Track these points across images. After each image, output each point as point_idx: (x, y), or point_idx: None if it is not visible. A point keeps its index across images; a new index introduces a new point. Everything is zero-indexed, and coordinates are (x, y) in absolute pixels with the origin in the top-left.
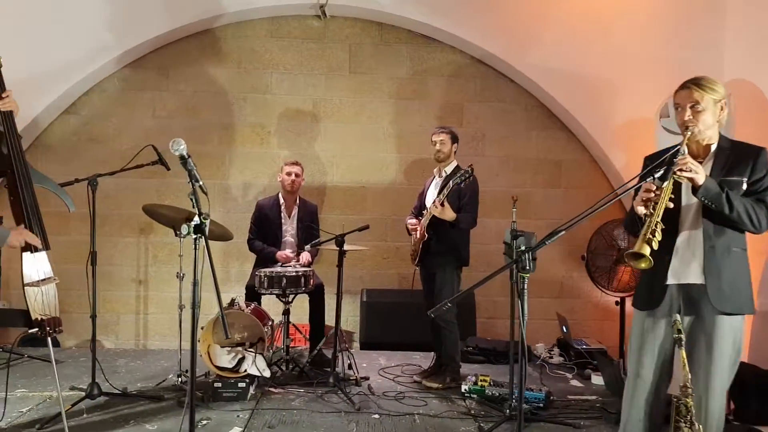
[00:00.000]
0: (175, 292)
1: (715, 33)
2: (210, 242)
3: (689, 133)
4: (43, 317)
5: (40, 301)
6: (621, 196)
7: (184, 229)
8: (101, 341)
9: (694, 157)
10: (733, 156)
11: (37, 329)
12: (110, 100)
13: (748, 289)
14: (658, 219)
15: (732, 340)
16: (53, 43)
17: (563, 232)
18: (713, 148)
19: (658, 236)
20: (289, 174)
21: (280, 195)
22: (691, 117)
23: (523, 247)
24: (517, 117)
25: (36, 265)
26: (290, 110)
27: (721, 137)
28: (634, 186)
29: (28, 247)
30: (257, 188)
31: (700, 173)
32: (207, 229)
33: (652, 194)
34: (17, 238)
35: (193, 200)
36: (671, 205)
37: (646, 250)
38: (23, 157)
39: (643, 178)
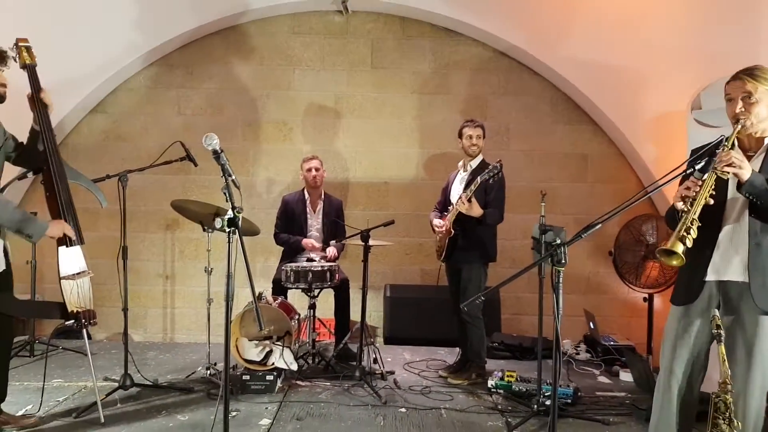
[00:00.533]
0: (201, 286)
1: (750, 22)
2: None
3: (739, 126)
4: (79, 309)
5: (76, 294)
6: (656, 191)
7: (218, 222)
8: (130, 335)
9: (745, 150)
10: None
11: (73, 321)
12: (137, 99)
13: None
14: (695, 216)
15: None
16: (80, 44)
17: (599, 226)
18: (766, 141)
19: (693, 234)
20: (309, 170)
21: (305, 190)
22: (743, 109)
23: (556, 241)
24: (542, 110)
25: (71, 259)
26: (313, 106)
27: None
28: (672, 179)
29: (64, 241)
30: (281, 184)
31: (746, 168)
32: (240, 223)
33: (692, 190)
34: (56, 229)
35: (227, 194)
36: (711, 202)
37: (679, 248)
38: (58, 154)
39: (684, 171)
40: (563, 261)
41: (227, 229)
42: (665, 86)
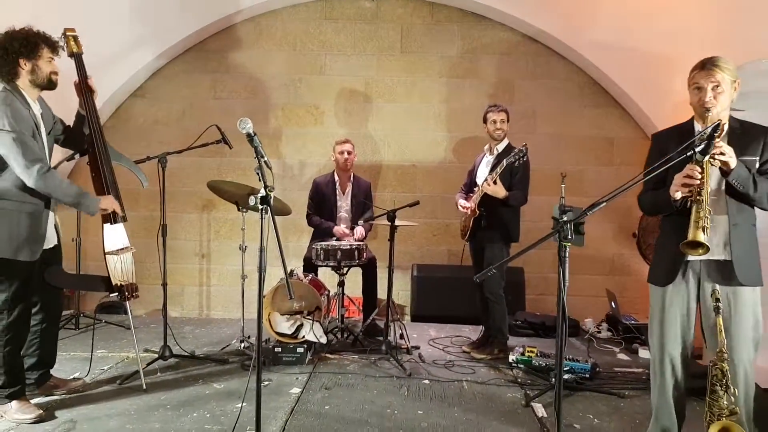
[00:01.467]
0: (235, 265)
1: None
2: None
3: (709, 114)
4: (123, 283)
5: (120, 269)
6: (659, 171)
7: (251, 200)
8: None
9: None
10: (744, 136)
11: (117, 294)
12: (174, 83)
13: (758, 262)
14: (707, 204)
15: (752, 309)
16: (119, 31)
17: (604, 204)
18: (725, 128)
19: (710, 221)
20: (341, 153)
21: (335, 173)
22: (712, 98)
23: (563, 218)
24: (569, 94)
25: (115, 236)
26: (344, 90)
27: (731, 117)
28: (675, 162)
29: (109, 219)
30: (313, 167)
31: (733, 157)
32: (272, 201)
33: (696, 180)
34: (108, 203)
35: (259, 174)
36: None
37: (702, 237)
38: (103, 137)
39: (676, 157)
40: (569, 237)
41: (260, 207)
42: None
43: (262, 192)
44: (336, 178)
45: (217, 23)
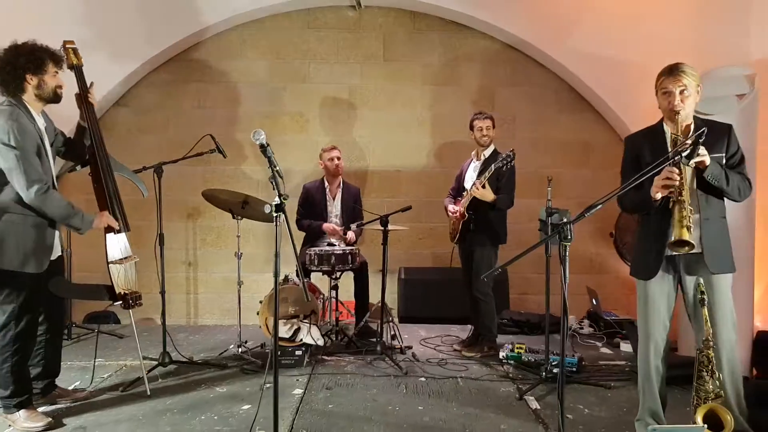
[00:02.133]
0: (222, 272)
1: (741, 16)
2: (258, 224)
3: (678, 117)
4: (126, 291)
5: (123, 277)
6: (647, 175)
7: (266, 208)
8: (154, 319)
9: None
10: (709, 135)
11: (120, 302)
12: (158, 93)
13: (730, 251)
14: (688, 202)
15: (727, 295)
16: (102, 40)
17: (600, 206)
18: (692, 128)
19: (692, 220)
20: (331, 159)
21: (324, 179)
22: (680, 101)
23: (563, 220)
24: (547, 100)
25: (118, 245)
26: (328, 98)
27: (696, 118)
28: (663, 165)
29: (111, 229)
30: (298, 174)
31: (707, 156)
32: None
33: (676, 181)
34: (101, 222)
35: (274, 183)
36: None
37: (687, 236)
38: (104, 148)
39: (662, 161)
40: (569, 237)
41: (275, 215)
42: None
43: (277, 200)
44: (326, 184)
45: (200, 33)
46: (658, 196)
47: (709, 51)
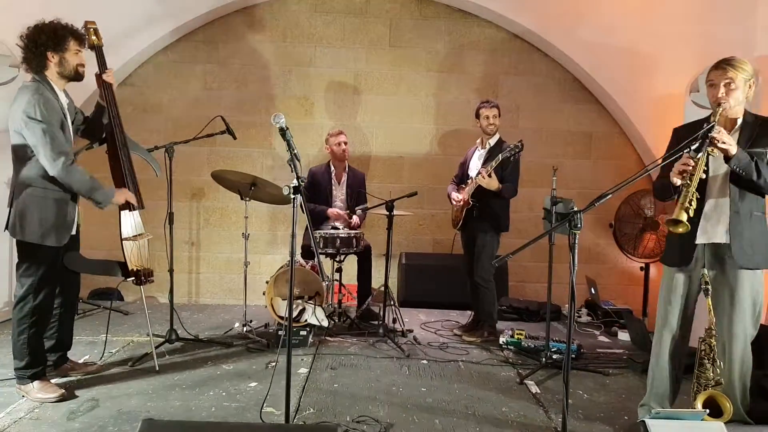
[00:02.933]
0: (225, 252)
1: (747, 11)
2: (261, 205)
3: (721, 108)
4: (138, 268)
5: (136, 254)
6: (655, 168)
7: (285, 190)
8: (156, 297)
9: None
10: (758, 129)
11: (133, 278)
12: (164, 73)
13: (764, 248)
14: (694, 189)
15: (750, 291)
16: (110, 17)
17: (610, 195)
18: (739, 122)
19: (694, 204)
20: (338, 144)
21: (330, 163)
22: (724, 94)
23: (574, 208)
24: (550, 90)
25: (132, 222)
26: (333, 83)
27: (747, 112)
28: (671, 158)
29: (126, 206)
30: (304, 157)
31: (734, 144)
32: (303, 191)
33: (689, 167)
34: (120, 197)
35: (292, 165)
36: (704, 176)
37: (684, 217)
38: (122, 127)
39: (680, 150)
40: (579, 225)
41: (292, 196)
42: (666, 69)
43: (294, 182)
44: (332, 168)
45: (208, 14)
46: (676, 181)
47: (713, 45)
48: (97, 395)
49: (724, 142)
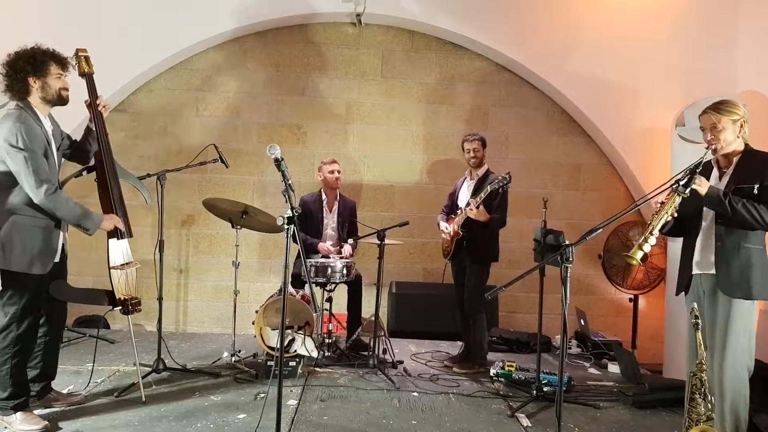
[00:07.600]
0: (213, 280)
1: (728, 47)
2: (251, 233)
3: (710, 152)
4: (126, 297)
5: (124, 283)
6: (642, 202)
7: (279, 220)
8: (143, 325)
9: (721, 168)
10: (750, 164)
11: (120, 307)
12: (157, 100)
13: (750, 279)
14: (654, 229)
15: (741, 321)
16: (105, 47)
17: (600, 230)
18: (735, 159)
19: (653, 242)
20: (332, 172)
21: (322, 191)
22: (712, 137)
23: (563, 242)
24: (539, 122)
25: (120, 251)
26: (325, 112)
27: (747, 149)
28: (659, 192)
29: (114, 234)
30: (294, 186)
31: (704, 185)
32: (296, 221)
33: (658, 206)
34: (109, 223)
35: (286, 196)
36: (670, 219)
37: (639, 255)
38: (111, 155)
39: (670, 184)
40: (570, 259)
41: (286, 227)
42: (653, 103)
43: (289, 212)
44: (323, 196)
45: (202, 43)
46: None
47: (698, 80)
48: (82, 427)
49: (696, 184)
